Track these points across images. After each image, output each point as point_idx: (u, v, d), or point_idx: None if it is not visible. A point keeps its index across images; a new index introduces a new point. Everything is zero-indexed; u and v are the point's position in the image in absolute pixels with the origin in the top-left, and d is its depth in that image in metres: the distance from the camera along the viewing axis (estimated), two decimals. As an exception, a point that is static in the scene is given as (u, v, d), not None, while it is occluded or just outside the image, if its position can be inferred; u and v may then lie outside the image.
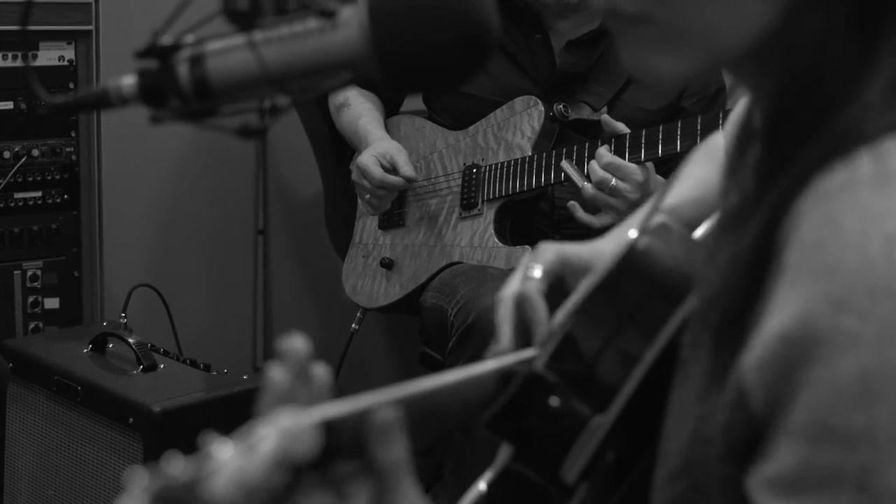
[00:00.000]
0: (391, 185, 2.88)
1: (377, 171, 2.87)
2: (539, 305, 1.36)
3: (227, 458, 0.82)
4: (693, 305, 1.10)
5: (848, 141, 0.90)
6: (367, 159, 2.89)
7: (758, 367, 0.89)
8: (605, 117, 2.66)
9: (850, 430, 0.85)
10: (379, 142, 2.96)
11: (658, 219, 1.21)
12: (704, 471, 0.98)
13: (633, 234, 1.19)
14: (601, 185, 2.54)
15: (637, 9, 0.97)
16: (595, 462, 1.14)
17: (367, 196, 2.94)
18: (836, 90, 0.93)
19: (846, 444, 0.85)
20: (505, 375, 1.18)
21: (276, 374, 0.94)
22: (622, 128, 2.63)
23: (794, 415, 0.87)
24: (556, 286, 1.42)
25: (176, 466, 0.81)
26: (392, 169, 2.89)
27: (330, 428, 0.93)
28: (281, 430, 0.86)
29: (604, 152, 2.58)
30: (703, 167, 1.49)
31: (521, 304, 1.37)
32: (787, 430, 0.88)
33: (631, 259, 1.17)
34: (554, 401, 1.16)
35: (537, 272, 1.40)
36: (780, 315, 0.88)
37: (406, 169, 2.88)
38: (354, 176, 2.96)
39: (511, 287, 1.39)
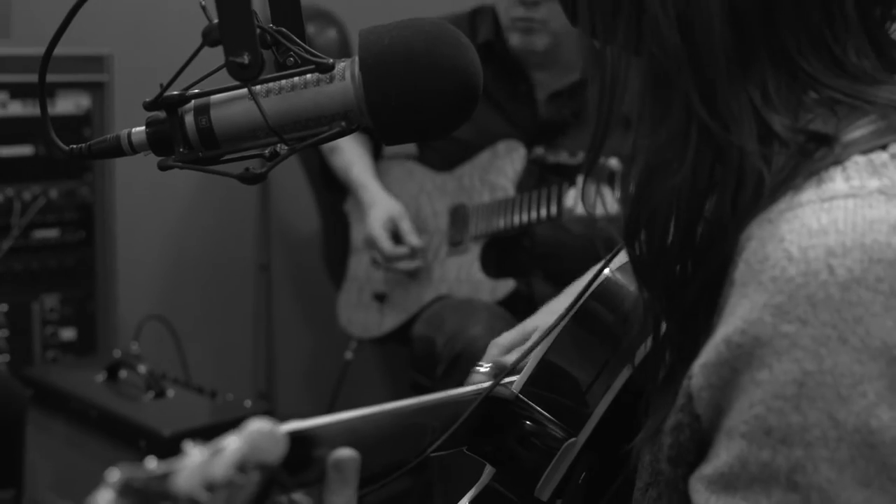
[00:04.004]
0: (400, 255, 2.91)
1: (388, 246, 2.91)
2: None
3: (195, 456, 0.81)
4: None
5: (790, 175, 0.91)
6: (378, 232, 2.93)
7: (704, 369, 0.90)
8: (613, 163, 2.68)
9: (785, 429, 0.85)
10: (379, 205, 2.97)
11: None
12: (662, 478, 0.98)
13: (606, 271, 1.19)
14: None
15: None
16: (567, 481, 1.14)
17: (385, 265, 2.96)
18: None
19: (781, 443, 0.85)
20: (482, 399, 1.18)
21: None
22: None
23: (733, 413, 0.88)
24: None
25: (149, 464, 0.81)
26: (397, 235, 2.93)
27: (306, 440, 0.93)
28: (247, 434, 0.85)
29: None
30: None
31: None
32: (726, 428, 0.88)
33: (602, 289, 1.18)
34: (529, 425, 1.16)
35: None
36: (727, 323, 0.88)
37: (412, 238, 2.92)
38: (366, 245, 2.98)
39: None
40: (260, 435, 0.85)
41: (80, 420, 2.56)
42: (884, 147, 0.91)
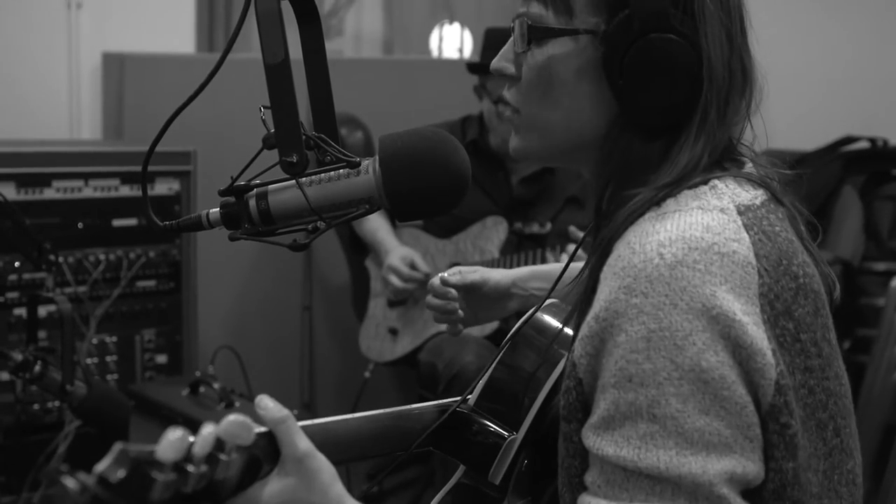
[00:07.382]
0: (416, 279, 2.89)
1: (406, 271, 2.89)
2: None
3: (175, 433, 0.82)
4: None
5: (641, 208, 0.96)
6: (397, 262, 2.90)
7: (581, 342, 0.92)
8: (572, 229, 2.67)
9: (641, 374, 0.87)
10: (397, 248, 2.96)
11: (552, 300, 1.26)
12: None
13: (533, 309, 1.23)
14: None
15: (513, 101, 1.06)
16: (513, 468, 1.14)
17: (397, 288, 2.93)
18: (635, 184, 0.98)
19: (640, 385, 0.87)
20: (443, 410, 1.19)
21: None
22: (580, 235, 2.66)
23: (605, 372, 0.90)
24: None
25: (150, 444, 0.80)
26: (412, 267, 2.90)
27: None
28: (223, 422, 0.86)
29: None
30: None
31: None
32: (601, 385, 0.90)
33: (533, 323, 1.21)
34: (477, 427, 1.17)
35: None
36: (595, 306, 0.92)
37: (423, 266, 2.90)
38: (385, 273, 2.95)
39: None
40: (232, 423, 0.87)
41: (169, 424, 2.51)
42: (705, 182, 0.96)
